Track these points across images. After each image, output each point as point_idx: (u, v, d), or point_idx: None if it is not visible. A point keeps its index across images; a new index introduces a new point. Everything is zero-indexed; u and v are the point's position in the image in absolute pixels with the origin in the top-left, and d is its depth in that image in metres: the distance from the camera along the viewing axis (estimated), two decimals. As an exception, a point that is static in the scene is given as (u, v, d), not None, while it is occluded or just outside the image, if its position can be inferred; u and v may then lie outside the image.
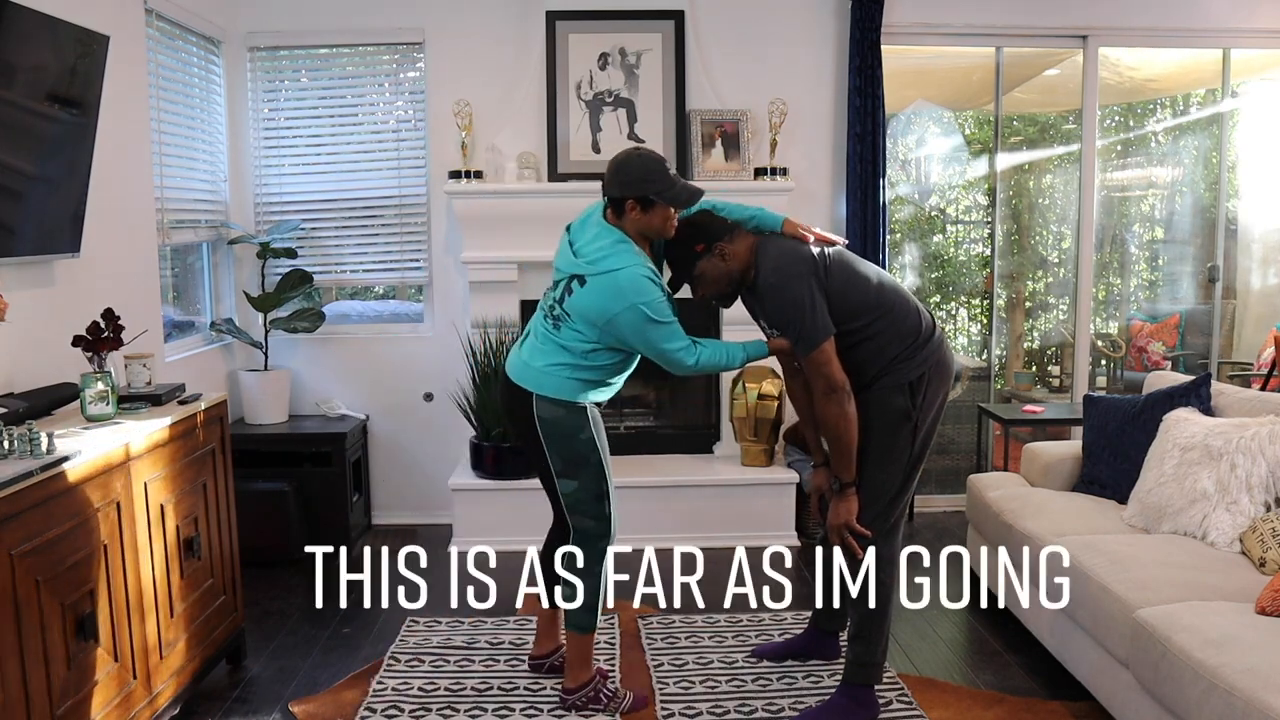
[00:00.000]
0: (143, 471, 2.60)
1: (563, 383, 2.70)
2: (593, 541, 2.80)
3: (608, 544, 2.82)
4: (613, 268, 2.61)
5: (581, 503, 2.77)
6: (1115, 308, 6.26)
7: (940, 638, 3.45)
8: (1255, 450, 2.95)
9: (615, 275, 2.60)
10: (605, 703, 2.86)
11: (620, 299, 2.58)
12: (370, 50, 4.73)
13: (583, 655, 2.88)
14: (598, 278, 2.62)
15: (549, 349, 2.71)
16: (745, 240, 2.70)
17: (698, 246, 2.69)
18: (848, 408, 2.60)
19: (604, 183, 2.69)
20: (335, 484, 4.34)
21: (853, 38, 4.62)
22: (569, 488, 2.77)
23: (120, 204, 3.48)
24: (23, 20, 2.59)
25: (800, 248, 2.68)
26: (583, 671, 2.88)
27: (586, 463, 2.74)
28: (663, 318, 2.61)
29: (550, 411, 2.71)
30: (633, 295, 2.58)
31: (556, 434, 2.72)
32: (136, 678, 2.55)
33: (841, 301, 2.63)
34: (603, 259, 2.63)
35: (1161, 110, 6.12)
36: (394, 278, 4.88)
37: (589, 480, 2.75)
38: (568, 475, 2.76)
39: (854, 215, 4.68)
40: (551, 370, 2.70)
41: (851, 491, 2.68)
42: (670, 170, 2.66)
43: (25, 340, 2.86)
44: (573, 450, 2.73)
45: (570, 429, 2.72)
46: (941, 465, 5.30)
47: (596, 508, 2.78)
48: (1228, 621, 2.33)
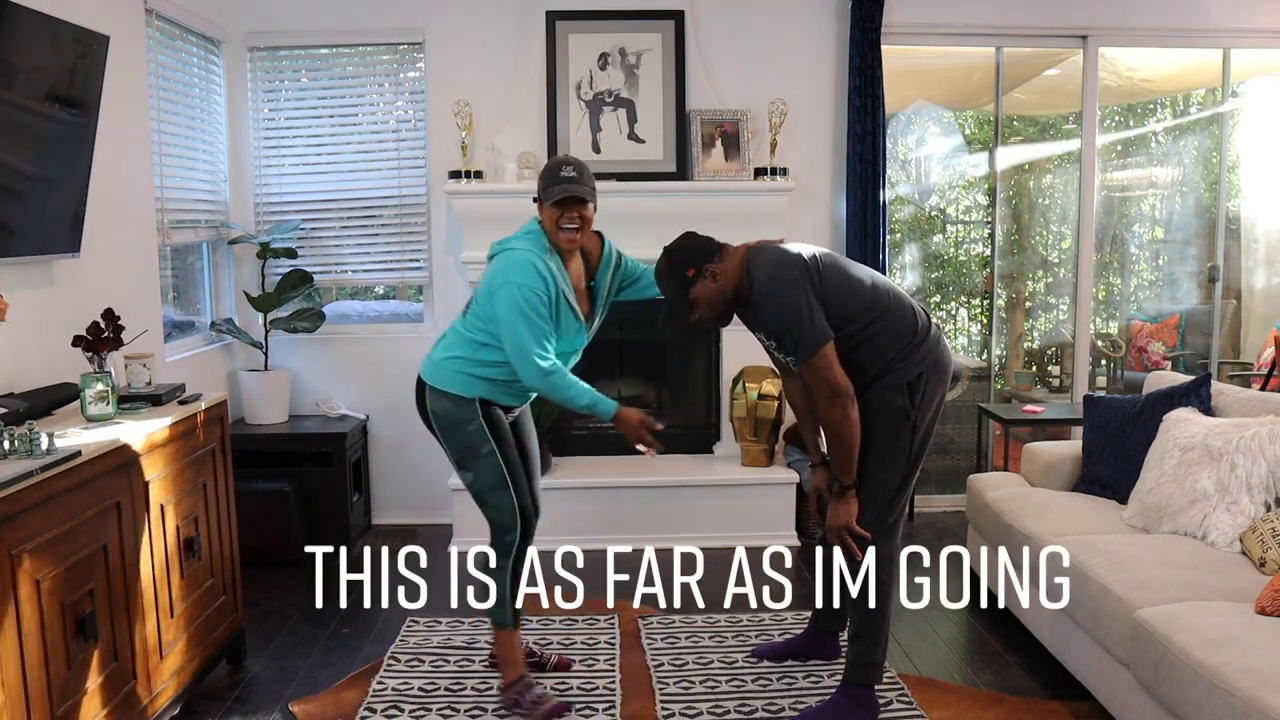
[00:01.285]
0: (143, 471, 2.60)
1: (454, 375, 2.75)
2: (499, 534, 2.83)
3: (515, 538, 2.81)
4: (511, 247, 2.71)
5: (482, 493, 2.80)
6: (1115, 308, 6.26)
7: (940, 638, 3.45)
8: (1255, 450, 2.95)
9: (510, 253, 2.70)
10: (525, 710, 2.83)
11: (503, 273, 2.66)
12: (370, 50, 4.73)
13: (507, 654, 2.90)
14: (498, 256, 2.73)
15: (451, 341, 2.80)
16: (734, 256, 2.70)
17: (688, 272, 2.69)
18: (851, 412, 2.59)
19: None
20: (335, 484, 4.34)
21: (853, 38, 4.62)
22: (467, 479, 2.81)
23: (120, 204, 3.48)
24: (23, 20, 2.59)
25: (790, 253, 2.67)
26: (510, 670, 2.90)
27: (478, 454, 2.76)
28: (531, 311, 2.62)
29: (440, 404, 2.76)
30: (515, 274, 2.64)
31: (447, 426, 2.77)
32: (136, 678, 2.55)
33: (837, 305, 2.61)
34: (509, 240, 2.75)
35: (1162, 110, 6.12)
36: (394, 278, 4.88)
37: (484, 471, 2.77)
38: (463, 467, 2.80)
39: (854, 215, 4.68)
40: (445, 363, 2.77)
41: (851, 493, 2.68)
42: (570, 173, 2.70)
43: (25, 340, 2.86)
44: (463, 442, 2.76)
45: (458, 421, 2.75)
46: (941, 465, 5.30)
47: (498, 498, 2.78)
48: (1228, 621, 2.33)
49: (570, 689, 3.00)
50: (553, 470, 4.52)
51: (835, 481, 2.70)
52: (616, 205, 4.42)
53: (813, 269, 2.63)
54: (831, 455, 2.67)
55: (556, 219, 2.72)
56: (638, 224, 3.87)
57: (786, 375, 2.95)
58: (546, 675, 3.07)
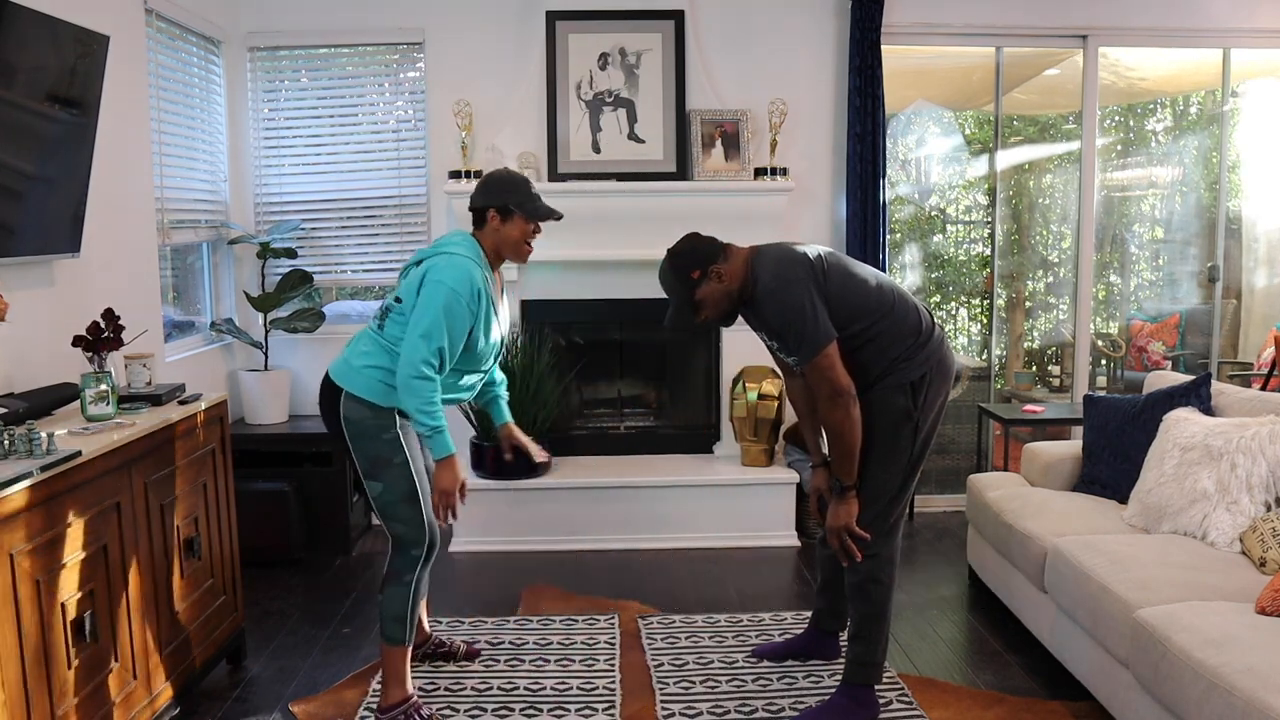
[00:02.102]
0: (143, 472, 2.60)
1: (373, 384, 2.67)
2: (405, 548, 2.74)
3: (421, 552, 2.75)
4: (452, 252, 2.66)
5: (390, 505, 2.70)
6: (1115, 307, 6.26)
7: (940, 638, 3.45)
8: (1255, 450, 2.95)
9: (452, 258, 2.64)
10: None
11: (440, 273, 2.59)
12: (370, 50, 4.73)
13: (396, 672, 2.78)
14: (435, 258, 2.66)
15: (369, 349, 2.70)
16: (739, 255, 2.69)
17: (694, 274, 2.68)
18: (853, 412, 2.58)
19: (470, 197, 2.77)
20: (335, 484, 4.34)
21: (853, 38, 4.62)
22: (376, 490, 2.71)
23: (120, 204, 3.48)
24: (23, 20, 2.59)
25: (796, 252, 2.67)
26: (396, 690, 2.78)
27: (390, 464, 2.68)
28: (451, 317, 2.57)
29: (356, 411, 2.67)
30: (451, 278, 2.59)
31: (360, 434, 2.68)
32: (136, 678, 2.55)
33: (841, 304, 2.61)
34: (446, 244, 2.70)
35: (1162, 110, 6.12)
36: (394, 278, 4.88)
37: (394, 481, 2.69)
38: (373, 476, 2.70)
39: (854, 215, 4.68)
40: (366, 371, 2.68)
41: (852, 494, 2.67)
42: (534, 190, 2.74)
43: (25, 340, 2.86)
44: (375, 451, 2.68)
45: (374, 429, 2.67)
46: (941, 465, 5.30)
47: (408, 511, 2.71)
48: (1228, 621, 2.33)
49: (570, 689, 3.00)
50: (553, 470, 4.52)
51: (836, 482, 2.69)
52: (616, 205, 4.44)
53: (818, 268, 2.62)
54: (832, 455, 2.67)
55: (528, 233, 2.74)
56: (637, 224, 3.87)
57: (789, 375, 2.95)
58: (540, 673, 3.06)
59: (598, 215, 4.39)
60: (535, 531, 4.39)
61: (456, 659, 3.19)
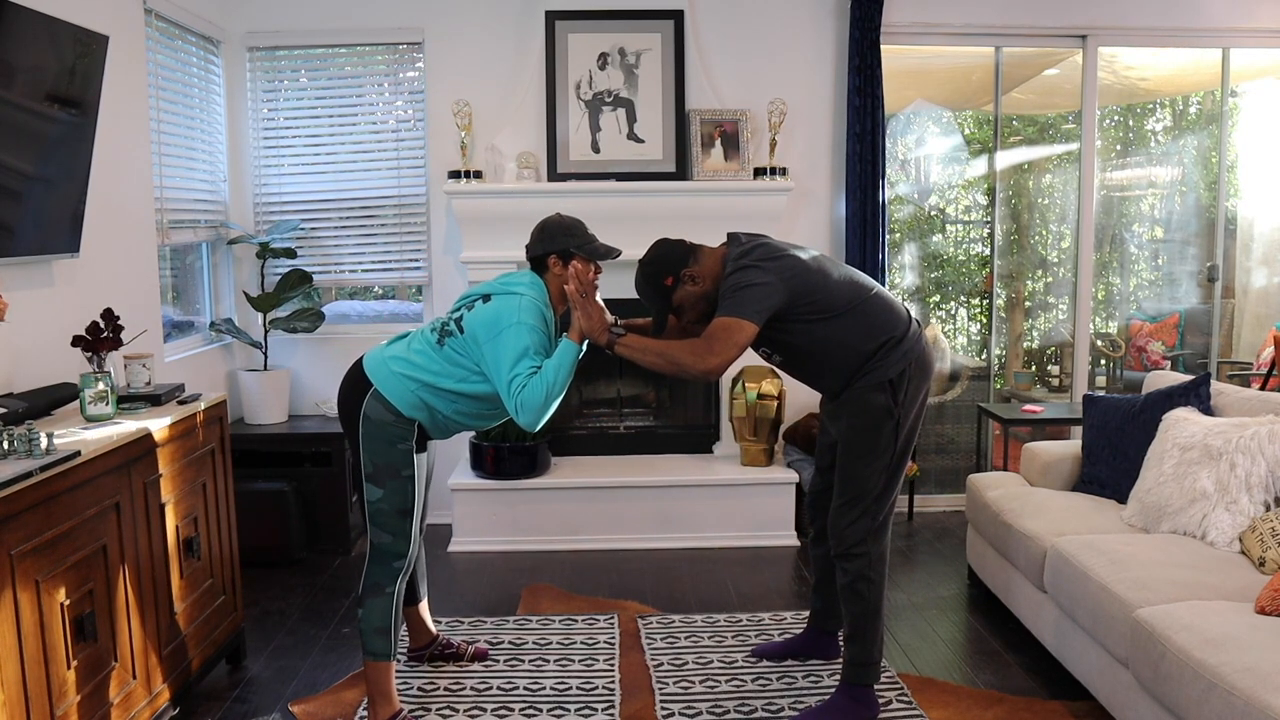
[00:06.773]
0: (142, 472, 2.60)
1: (405, 392, 2.65)
2: (387, 559, 2.70)
3: (403, 565, 2.71)
4: (522, 293, 2.66)
5: (383, 514, 2.68)
6: (1115, 307, 6.26)
7: (940, 638, 3.45)
8: (1255, 450, 2.95)
9: (522, 298, 2.64)
10: None
11: (516, 314, 2.60)
12: (369, 50, 4.73)
13: (382, 688, 2.73)
14: (504, 296, 2.65)
15: (415, 359, 2.68)
16: (712, 255, 2.70)
17: (666, 281, 2.69)
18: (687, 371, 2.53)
19: (527, 246, 2.77)
20: (335, 484, 4.34)
21: (852, 37, 4.62)
22: (374, 495, 2.67)
23: (120, 204, 3.48)
24: (22, 20, 2.59)
25: (772, 245, 2.67)
26: (384, 707, 2.72)
27: (396, 475, 2.66)
28: (535, 337, 2.59)
29: (378, 412, 2.65)
30: (529, 318, 2.61)
31: (376, 436, 2.65)
32: (136, 678, 2.55)
33: (807, 297, 2.60)
34: (514, 283, 2.70)
35: (1161, 110, 6.12)
36: (393, 278, 4.88)
37: (395, 493, 2.67)
38: (375, 482, 2.67)
39: (854, 215, 4.68)
40: (401, 378, 2.66)
41: (616, 338, 2.62)
42: (590, 231, 2.76)
43: (25, 340, 2.86)
44: (386, 458, 2.65)
45: (391, 436, 2.65)
46: (941, 465, 5.30)
47: (398, 524, 2.69)
48: (1227, 621, 2.33)
49: (570, 689, 3.00)
50: (553, 470, 4.52)
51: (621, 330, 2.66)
52: (616, 205, 4.44)
53: (787, 262, 2.62)
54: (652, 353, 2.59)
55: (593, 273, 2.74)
56: (637, 224, 3.85)
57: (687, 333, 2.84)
58: (540, 673, 3.06)
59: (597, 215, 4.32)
60: (535, 531, 4.40)
61: (465, 659, 3.19)
